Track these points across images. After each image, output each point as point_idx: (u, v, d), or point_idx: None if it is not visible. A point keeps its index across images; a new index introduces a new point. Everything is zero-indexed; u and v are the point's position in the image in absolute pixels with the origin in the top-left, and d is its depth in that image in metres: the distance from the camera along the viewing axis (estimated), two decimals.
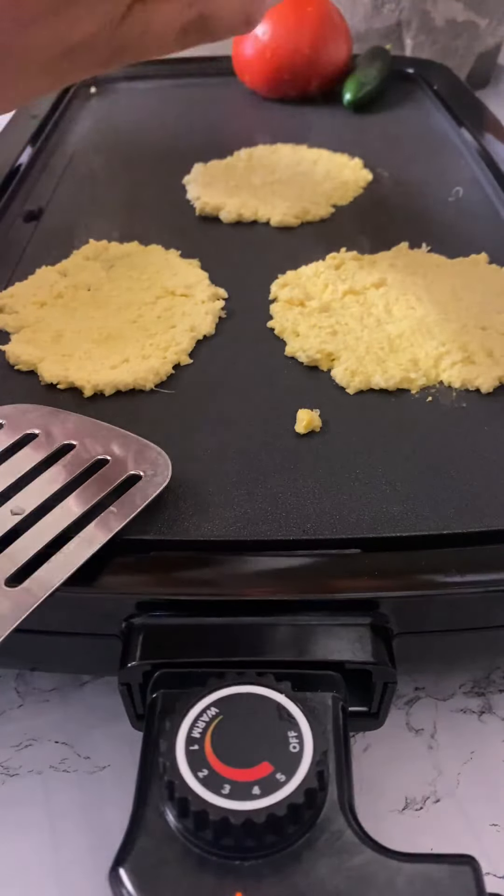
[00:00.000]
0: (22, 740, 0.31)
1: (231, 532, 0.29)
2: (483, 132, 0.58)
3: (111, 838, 0.24)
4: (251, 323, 0.40)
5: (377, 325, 0.39)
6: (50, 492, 0.29)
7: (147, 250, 0.46)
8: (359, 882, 0.22)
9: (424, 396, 0.35)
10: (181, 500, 0.30)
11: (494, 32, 0.80)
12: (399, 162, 0.56)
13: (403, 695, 0.33)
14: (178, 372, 0.37)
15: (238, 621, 0.27)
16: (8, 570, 0.26)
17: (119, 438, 0.31)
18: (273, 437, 0.33)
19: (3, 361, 0.37)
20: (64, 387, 0.36)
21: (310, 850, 0.23)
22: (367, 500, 0.30)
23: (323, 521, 0.29)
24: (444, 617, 0.29)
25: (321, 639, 0.27)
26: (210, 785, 0.23)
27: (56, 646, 0.30)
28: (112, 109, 0.66)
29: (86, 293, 0.42)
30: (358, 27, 0.77)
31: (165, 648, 0.27)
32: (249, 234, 0.48)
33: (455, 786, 0.30)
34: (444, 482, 0.31)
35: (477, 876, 0.22)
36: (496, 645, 0.31)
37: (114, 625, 0.28)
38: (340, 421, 0.34)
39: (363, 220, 0.49)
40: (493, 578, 0.28)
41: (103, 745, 0.31)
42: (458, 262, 0.44)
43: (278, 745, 0.24)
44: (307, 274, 0.43)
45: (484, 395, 0.35)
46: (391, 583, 0.28)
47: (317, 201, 0.50)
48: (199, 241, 0.47)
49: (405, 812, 0.29)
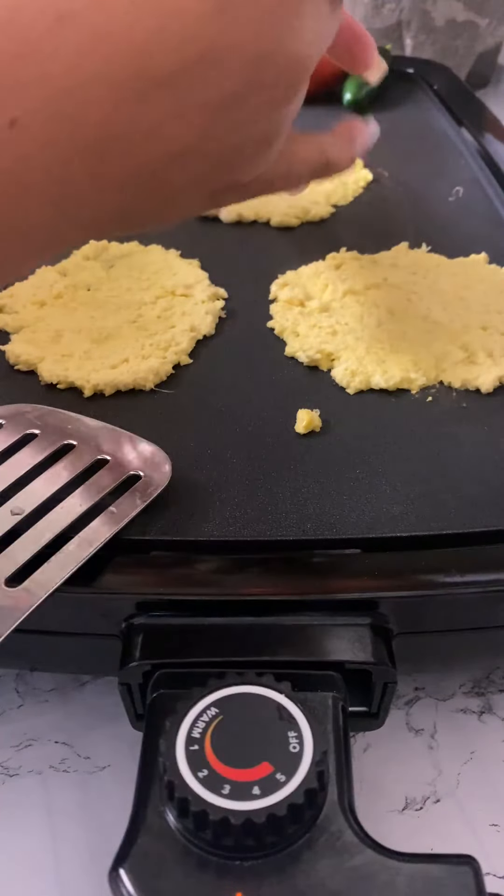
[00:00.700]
0: (22, 740, 0.31)
1: (231, 532, 0.29)
2: (483, 132, 0.58)
3: (111, 838, 0.24)
4: (251, 323, 0.40)
5: (377, 325, 0.39)
6: (50, 492, 0.29)
7: (147, 250, 0.46)
8: (359, 882, 0.22)
9: (424, 396, 0.35)
10: (181, 500, 0.30)
11: (494, 32, 0.80)
12: (399, 162, 0.56)
13: (403, 695, 0.33)
14: (178, 372, 0.37)
15: (238, 621, 0.27)
16: (8, 570, 0.26)
17: (119, 438, 0.31)
18: (273, 437, 0.33)
19: (3, 361, 0.37)
20: (64, 387, 0.36)
21: (310, 851, 0.23)
22: (367, 500, 0.30)
23: (323, 521, 0.29)
24: (444, 617, 0.29)
25: (321, 639, 0.27)
26: (210, 785, 0.23)
27: (56, 646, 0.30)
28: None
29: (85, 293, 0.42)
30: None
31: (165, 648, 0.27)
32: (249, 234, 0.48)
33: (455, 786, 0.30)
34: (444, 482, 0.31)
35: (477, 876, 0.22)
36: (496, 645, 0.31)
37: (114, 625, 0.28)
38: (340, 421, 0.34)
39: (363, 220, 0.49)
40: (493, 578, 0.28)
41: (103, 745, 0.31)
42: (458, 262, 0.44)
43: (278, 745, 0.23)
44: (307, 274, 0.43)
45: (484, 395, 0.35)
46: (391, 583, 0.28)
47: (317, 201, 0.50)
48: (199, 241, 0.47)
49: (405, 812, 0.29)
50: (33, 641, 0.29)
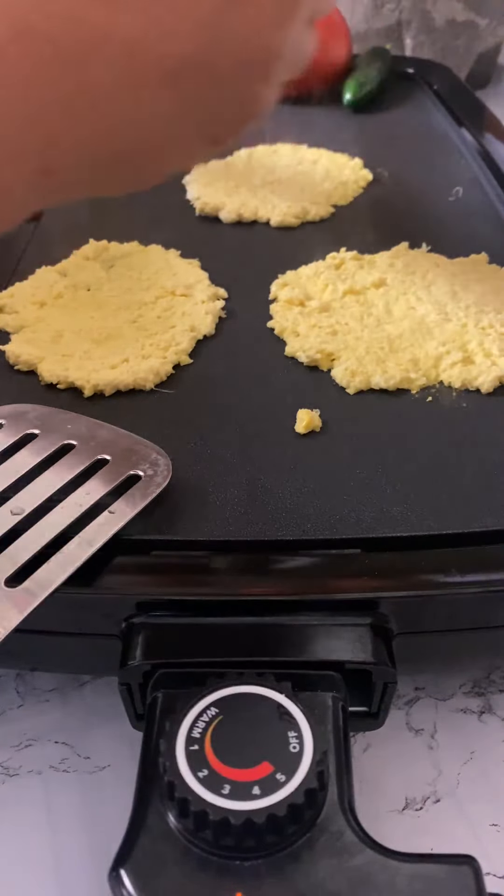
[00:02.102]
0: (22, 740, 0.31)
1: (231, 532, 0.29)
2: (483, 132, 0.58)
3: (111, 838, 0.24)
4: (251, 323, 0.40)
5: (377, 325, 0.39)
6: (50, 492, 0.29)
7: (147, 250, 0.46)
8: (359, 882, 0.22)
9: (424, 396, 0.35)
10: (181, 500, 0.30)
11: (494, 32, 0.80)
12: (399, 162, 0.56)
13: (403, 695, 0.33)
14: (178, 372, 0.37)
15: (238, 621, 0.27)
16: (8, 570, 0.26)
17: (119, 438, 0.31)
18: (273, 437, 0.33)
19: (3, 361, 0.37)
20: (64, 387, 0.36)
21: (310, 851, 0.23)
22: (367, 500, 0.30)
23: (323, 521, 0.29)
24: (444, 617, 0.29)
25: (321, 639, 0.27)
26: (210, 785, 0.23)
27: (56, 646, 0.30)
28: None
29: (86, 293, 0.42)
30: (358, 27, 0.77)
31: (165, 648, 0.27)
32: (249, 234, 0.48)
33: (455, 786, 0.30)
34: (444, 482, 0.31)
35: (477, 876, 0.22)
36: (496, 645, 0.31)
37: (114, 625, 0.28)
38: (340, 421, 0.34)
39: (363, 220, 0.49)
40: (493, 578, 0.28)
41: (103, 745, 0.31)
42: (458, 262, 0.44)
43: (278, 745, 0.23)
44: (307, 274, 0.43)
45: (484, 395, 0.35)
46: (391, 583, 0.28)
47: (317, 201, 0.50)
48: (199, 241, 0.47)
49: (405, 812, 0.29)
50: (33, 641, 0.29)
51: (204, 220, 0.49)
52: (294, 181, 0.53)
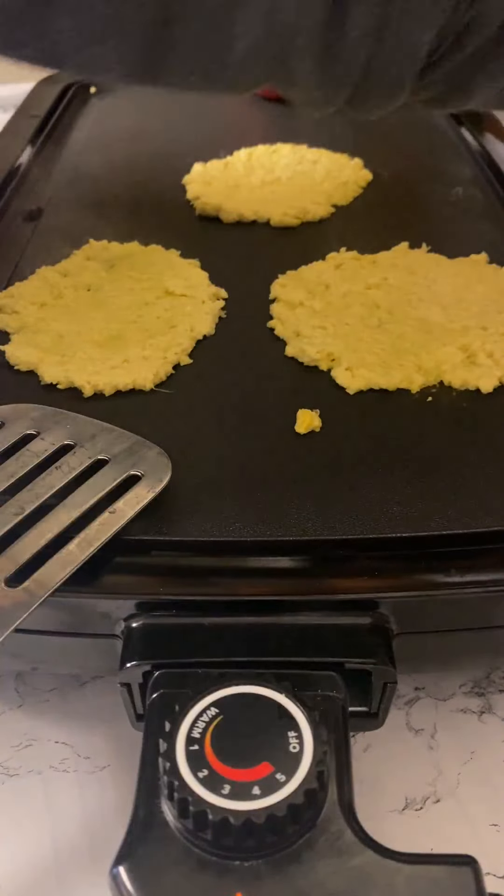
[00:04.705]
0: (22, 740, 0.32)
1: (231, 532, 0.29)
2: (483, 132, 0.58)
3: (111, 838, 0.24)
4: (251, 323, 0.40)
5: (377, 325, 0.39)
6: (50, 492, 0.29)
7: (147, 250, 0.46)
8: (359, 882, 0.22)
9: (424, 396, 0.35)
10: (181, 500, 0.30)
11: None
12: (399, 162, 0.56)
13: (403, 695, 0.33)
14: (178, 372, 0.37)
15: (238, 621, 0.27)
16: (8, 570, 0.26)
17: (119, 439, 0.31)
18: (273, 438, 0.33)
19: (3, 361, 0.37)
20: (64, 387, 0.36)
21: (310, 851, 0.23)
22: (367, 499, 0.30)
23: (323, 521, 0.29)
24: (444, 617, 0.29)
25: (321, 639, 0.27)
26: (210, 785, 0.23)
27: (56, 646, 0.30)
28: (112, 109, 0.66)
29: (86, 293, 0.42)
30: None
31: (165, 648, 0.27)
32: (249, 234, 0.48)
33: (455, 786, 0.30)
34: (445, 482, 0.31)
35: (477, 876, 0.22)
36: (496, 645, 0.31)
37: (114, 625, 0.28)
38: (340, 421, 0.34)
39: (363, 220, 0.49)
40: (493, 578, 0.28)
41: (103, 745, 0.31)
42: (458, 262, 0.44)
43: (278, 745, 0.24)
44: (307, 274, 0.43)
45: (484, 396, 0.35)
46: (391, 583, 0.28)
47: (317, 201, 0.50)
48: (199, 241, 0.47)
49: (405, 812, 0.29)
50: (33, 641, 0.29)
51: (204, 220, 0.49)
52: (294, 181, 0.53)
